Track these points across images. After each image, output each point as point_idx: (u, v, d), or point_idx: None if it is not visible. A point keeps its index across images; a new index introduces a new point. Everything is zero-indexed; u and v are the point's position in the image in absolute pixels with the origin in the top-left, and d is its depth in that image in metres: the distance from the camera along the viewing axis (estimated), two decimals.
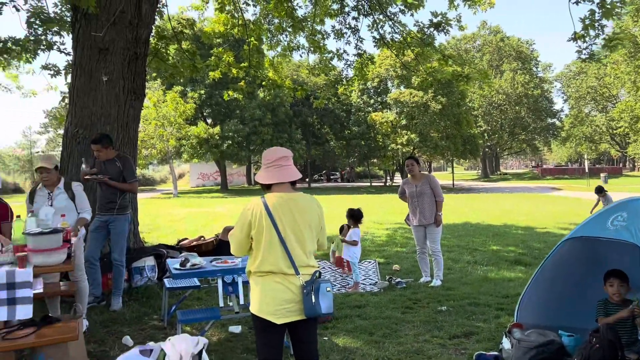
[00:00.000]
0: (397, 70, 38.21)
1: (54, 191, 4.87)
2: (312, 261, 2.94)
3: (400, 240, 10.40)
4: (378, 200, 24.01)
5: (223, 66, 10.25)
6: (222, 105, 36.02)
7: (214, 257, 5.11)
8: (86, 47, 6.17)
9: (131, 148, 6.66)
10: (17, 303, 3.73)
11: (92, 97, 6.22)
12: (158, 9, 7.42)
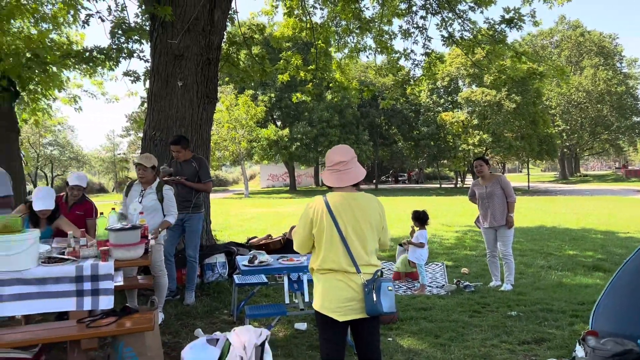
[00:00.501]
0: (469, 69, 37.19)
1: (146, 189, 5.17)
2: (373, 260, 2.95)
3: (470, 243, 10.14)
4: (447, 202, 23.49)
5: (291, 69, 10.46)
6: (291, 107, 36.66)
7: (280, 255, 5.24)
8: (163, 54, 6.52)
9: (204, 149, 6.95)
10: (100, 294, 4.03)
11: (168, 101, 6.56)
12: (229, 16, 7.71)
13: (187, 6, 6.36)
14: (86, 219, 5.16)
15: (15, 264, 3.83)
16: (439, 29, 10.23)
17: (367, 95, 9.71)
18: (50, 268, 3.93)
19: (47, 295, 3.93)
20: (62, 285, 3.94)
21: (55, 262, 4.03)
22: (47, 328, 3.94)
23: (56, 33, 10.22)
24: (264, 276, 5.40)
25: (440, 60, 11.08)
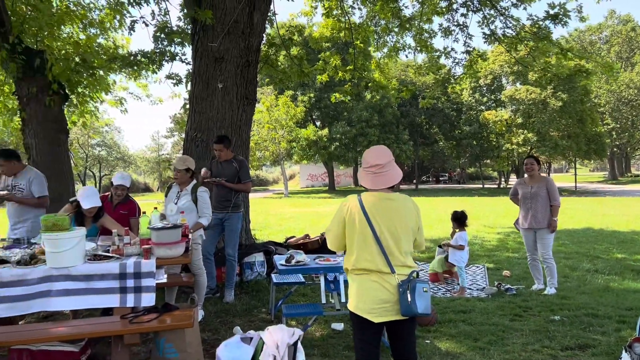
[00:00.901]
0: (512, 67, 36.26)
1: (182, 191, 5.31)
2: (409, 261, 2.93)
3: (512, 245, 9.89)
4: (490, 203, 22.98)
5: (330, 70, 10.48)
6: (330, 107, 36.73)
7: (317, 255, 5.26)
8: (204, 56, 6.66)
9: (243, 150, 7.06)
10: (143, 291, 4.15)
11: (209, 102, 6.70)
12: (268, 18, 7.79)
13: (227, 9, 6.47)
14: (129, 218, 5.33)
15: (64, 261, 3.99)
16: (481, 26, 10.04)
17: (406, 95, 9.63)
18: (95, 265, 4.08)
19: (92, 291, 4.08)
20: (106, 282, 4.08)
21: (100, 259, 4.18)
22: (93, 323, 4.10)
23: (103, 38, 10.58)
24: (301, 276, 5.44)
25: (482, 58, 10.87)
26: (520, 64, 12.99)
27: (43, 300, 3.99)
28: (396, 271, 2.84)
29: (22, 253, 4.25)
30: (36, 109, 7.65)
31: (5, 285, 3.90)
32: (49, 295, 3.99)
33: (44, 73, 7.42)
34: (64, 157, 8.01)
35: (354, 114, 36.04)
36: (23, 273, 3.93)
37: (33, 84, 7.57)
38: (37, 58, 7.48)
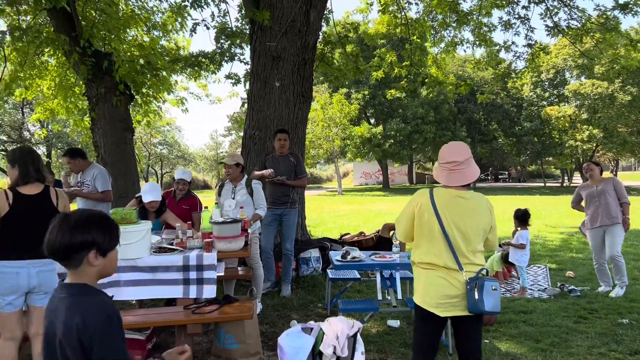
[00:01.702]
0: (576, 60, 34.64)
1: (237, 186, 5.46)
2: (478, 259, 2.88)
3: (577, 246, 9.49)
4: (552, 202, 22.12)
5: (386, 66, 10.42)
6: (385, 105, 36.43)
7: (373, 251, 5.26)
8: (262, 56, 6.79)
9: (300, 147, 7.14)
10: (205, 283, 4.30)
11: (267, 101, 6.83)
12: (324, 16, 7.84)
13: (285, 8, 6.56)
14: (191, 212, 5.52)
15: (131, 253, 4.19)
16: (543, 18, 9.67)
17: (464, 91, 9.43)
18: (160, 257, 4.26)
19: (157, 282, 4.27)
20: (170, 273, 4.26)
21: (165, 252, 4.37)
22: (158, 312, 4.28)
23: (165, 39, 11.00)
24: (356, 272, 5.46)
25: (544, 52, 10.46)
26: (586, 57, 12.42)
27: (113, 290, 4.21)
28: (464, 268, 2.81)
29: None
30: (104, 109, 8.07)
31: None
32: (118, 285, 4.21)
33: (111, 74, 7.80)
34: (129, 154, 8.40)
35: (409, 111, 35.58)
36: None
37: (101, 85, 7.98)
38: (105, 60, 7.88)
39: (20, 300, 3.39)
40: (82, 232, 1.78)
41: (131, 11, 9.59)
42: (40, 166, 3.54)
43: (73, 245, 1.76)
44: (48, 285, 3.47)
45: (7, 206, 3.33)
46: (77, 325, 1.67)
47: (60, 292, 1.80)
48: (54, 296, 1.82)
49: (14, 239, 3.37)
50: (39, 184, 3.50)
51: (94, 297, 1.77)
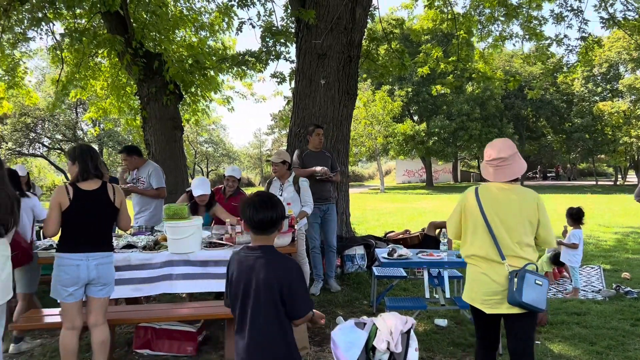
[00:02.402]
0: (632, 52, 33.09)
1: (284, 183, 5.53)
2: (525, 253, 2.84)
3: (633, 246, 9.10)
4: (605, 201, 21.27)
5: (431, 62, 10.28)
6: (429, 101, 35.92)
7: (419, 249, 5.22)
8: (307, 54, 6.84)
9: (344, 144, 7.16)
10: None
11: (312, 99, 6.87)
12: (370, 12, 7.81)
13: (330, 6, 6.58)
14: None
15: (183, 247, 4.32)
16: (597, 10, 9.31)
17: (513, 86, 9.18)
18: (211, 252, 4.37)
19: (208, 276, 4.38)
20: (220, 267, 4.36)
21: (215, 246, 4.47)
22: (209, 306, 4.39)
23: (212, 39, 11.23)
24: (402, 270, 5.43)
25: (598, 45, 10.07)
26: None
27: (165, 283, 4.34)
28: (507, 260, 2.80)
29: (147, 239, 4.66)
30: (155, 108, 8.32)
31: (133, 268, 4.30)
32: (171, 279, 4.34)
33: (161, 74, 8.03)
34: (179, 152, 8.63)
35: (454, 108, 34.92)
36: (148, 257, 4.31)
37: (152, 84, 8.23)
38: (156, 61, 8.12)
39: (80, 292, 3.54)
40: (279, 209, 2.40)
41: (180, 12, 9.84)
42: (98, 163, 3.69)
43: (279, 218, 2.39)
44: (106, 277, 3.61)
45: (68, 201, 3.48)
46: (276, 275, 2.26)
47: (252, 252, 2.37)
48: (246, 255, 2.38)
49: (75, 233, 3.52)
50: (97, 180, 3.64)
51: (281, 255, 2.41)
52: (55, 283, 3.50)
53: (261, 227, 2.36)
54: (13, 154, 32.29)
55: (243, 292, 2.31)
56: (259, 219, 2.34)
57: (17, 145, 31.81)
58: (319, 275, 6.15)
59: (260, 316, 2.26)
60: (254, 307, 2.27)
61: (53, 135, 33.05)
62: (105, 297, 3.66)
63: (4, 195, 3.22)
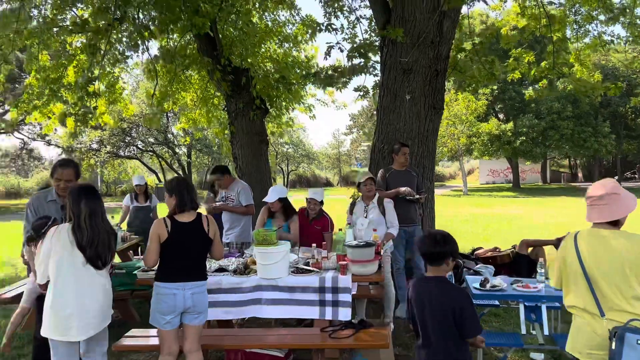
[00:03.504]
0: None
1: (369, 205, 5.47)
2: (632, 307, 2.57)
3: None
4: None
5: (522, 67, 9.75)
6: (516, 99, 34.31)
7: (514, 278, 4.94)
8: (392, 69, 6.71)
9: (429, 160, 6.96)
10: (340, 305, 4.37)
11: (397, 114, 6.74)
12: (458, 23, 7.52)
13: (417, 20, 6.41)
14: (323, 232, 5.64)
15: (272, 273, 4.39)
16: None
17: (615, 93, 8.51)
18: (298, 278, 4.41)
19: (295, 302, 4.42)
20: (307, 294, 4.39)
21: (302, 272, 4.51)
22: (297, 334, 4.43)
23: (295, 49, 11.37)
24: None
25: None
26: None
27: (255, 307, 4.44)
28: (608, 315, 2.58)
29: (237, 262, 4.79)
30: (242, 123, 8.57)
31: (224, 291, 4.43)
32: (260, 303, 4.44)
33: (248, 90, 8.25)
34: (264, 165, 8.83)
35: (543, 106, 33.10)
36: (239, 282, 4.43)
37: (240, 100, 8.48)
38: (243, 77, 8.34)
39: (177, 320, 3.70)
40: (450, 244, 2.93)
41: (265, 26, 10.05)
42: (194, 195, 3.83)
43: (446, 252, 2.90)
44: (200, 306, 3.74)
45: (167, 233, 3.64)
46: (449, 301, 2.81)
47: (427, 282, 2.99)
48: (423, 284, 3.01)
49: (172, 263, 3.69)
50: (193, 211, 3.78)
51: (453, 285, 3.07)
52: (154, 311, 3.67)
53: (435, 260, 2.93)
54: (111, 156, 34.81)
55: (423, 315, 2.91)
56: (434, 253, 2.90)
57: (115, 148, 34.21)
58: (404, 297, 6.02)
59: (438, 335, 2.84)
60: (433, 328, 2.86)
61: (146, 138, 35.19)
62: (200, 325, 3.79)
63: (103, 231, 3.46)
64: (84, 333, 3.37)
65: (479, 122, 33.09)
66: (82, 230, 3.35)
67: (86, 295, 3.37)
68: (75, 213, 3.39)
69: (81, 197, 3.43)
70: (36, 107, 8.97)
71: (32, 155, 39.53)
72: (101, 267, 3.45)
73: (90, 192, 3.52)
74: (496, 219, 16.09)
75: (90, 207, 3.42)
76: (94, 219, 3.42)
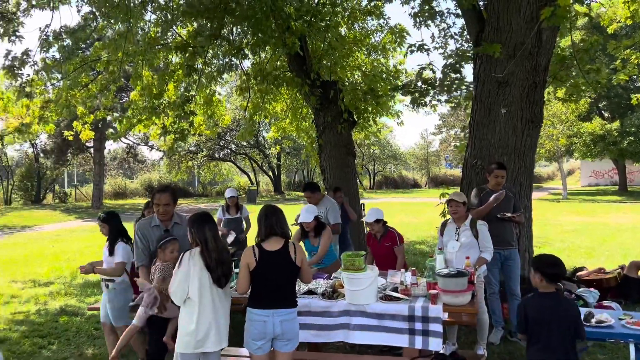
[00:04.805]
0: None
1: (460, 227, 5.25)
2: None
3: None
4: None
5: (631, 69, 8.97)
6: (622, 96, 31.55)
7: (624, 312, 4.56)
8: (486, 82, 6.43)
9: (526, 176, 6.60)
10: (430, 335, 4.26)
11: (491, 129, 6.45)
12: None
13: (513, 31, 6.08)
14: (393, 247, 5.57)
15: (360, 299, 4.38)
16: None
17: None
18: (387, 305, 4.35)
19: (384, 329, 4.37)
20: (396, 322, 4.33)
21: (390, 299, 4.44)
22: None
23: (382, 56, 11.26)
24: None
25: None
26: None
27: (343, 332, 4.45)
28: None
29: (326, 285, 4.82)
30: (330, 136, 8.64)
31: (313, 314, 4.48)
32: (348, 328, 4.43)
33: (336, 102, 8.30)
34: (351, 177, 8.85)
35: None
36: (327, 305, 4.46)
37: (328, 113, 8.55)
38: (331, 90, 8.41)
39: (267, 345, 3.80)
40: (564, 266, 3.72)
41: (353, 37, 10.07)
42: (283, 223, 3.91)
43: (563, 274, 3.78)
44: (290, 333, 3.82)
45: (255, 262, 3.78)
46: (568, 313, 3.49)
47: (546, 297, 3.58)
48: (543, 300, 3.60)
49: (261, 290, 3.81)
50: (281, 239, 3.87)
51: (566, 298, 4.06)
52: (247, 335, 3.81)
53: (553, 279, 3.57)
54: (207, 159, 36.70)
55: (543, 325, 3.50)
56: (552, 273, 3.57)
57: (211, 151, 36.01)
58: (498, 322, 5.75)
59: (562, 340, 3.45)
60: (557, 336, 3.46)
61: (239, 142, 36.64)
62: (290, 352, 3.86)
63: (225, 251, 3.82)
64: (218, 345, 3.74)
65: (581, 121, 30.85)
66: (211, 253, 3.71)
67: (219, 310, 3.76)
68: (201, 239, 3.74)
69: (204, 223, 3.79)
70: (140, 121, 9.64)
71: (136, 159, 42.58)
72: (223, 285, 3.77)
73: (209, 218, 3.88)
74: (599, 229, 14.90)
75: (213, 231, 3.79)
76: (217, 242, 3.78)
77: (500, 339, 5.63)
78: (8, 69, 7.05)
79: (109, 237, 4.97)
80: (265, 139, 36.70)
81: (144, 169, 47.96)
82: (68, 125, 17.27)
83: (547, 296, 3.57)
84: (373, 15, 9.20)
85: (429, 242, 13.16)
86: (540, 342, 3.50)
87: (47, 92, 8.85)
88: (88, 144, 31.17)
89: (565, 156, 36.36)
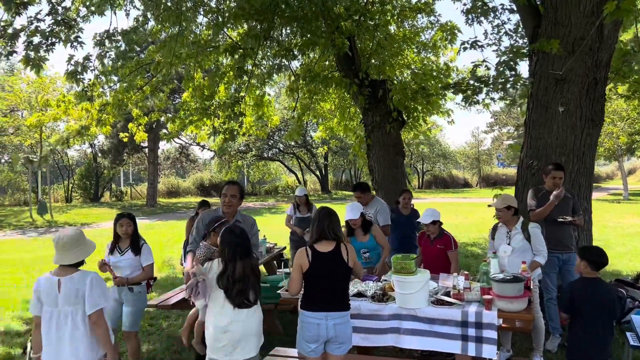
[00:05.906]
0: None
1: (512, 230, 5.07)
2: None
3: None
4: None
5: None
6: None
7: None
8: (542, 78, 6.19)
9: (586, 177, 6.30)
10: (484, 342, 4.14)
11: (548, 128, 6.21)
12: None
13: (573, 25, 5.82)
14: (447, 251, 5.42)
15: (411, 303, 4.30)
16: None
17: None
18: (439, 310, 4.25)
19: (435, 334, 4.28)
20: (448, 327, 4.22)
21: (442, 304, 4.34)
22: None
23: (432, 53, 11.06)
24: None
25: None
26: None
27: (393, 336, 4.39)
28: None
29: (375, 287, 4.76)
30: (378, 135, 8.55)
31: (363, 317, 4.44)
32: (398, 332, 4.37)
33: (385, 102, 8.20)
34: (400, 177, 8.73)
35: None
36: (377, 309, 4.41)
37: (377, 113, 8.47)
38: (380, 89, 8.32)
39: (320, 348, 3.79)
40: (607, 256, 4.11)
41: (402, 34, 9.93)
42: (336, 226, 3.89)
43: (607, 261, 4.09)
44: (343, 336, 3.79)
45: (308, 263, 3.76)
46: (607, 297, 3.95)
47: (589, 282, 4.00)
48: (585, 284, 4.01)
49: (314, 292, 3.79)
50: (332, 241, 3.84)
51: (605, 283, 4.18)
52: (300, 338, 3.81)
53: (597, 267, 4.01)
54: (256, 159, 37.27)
55: (586, 305, 3.92)
56: (597, 262, 4.01)
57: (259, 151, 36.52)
58: (556, 329, 5.53)
59: (599, 322, 3.88)
60: (602, 316, 3.88)
61: (286, 141, 36.98)
62: (342, 355, 3.84)
63: (257, 267, 3.74)
64: (247, 353, 3.66)
65: None
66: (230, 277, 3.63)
67: (245, 319, 3.67)
68: (229, 258, 3.66)
69: (231, 237, 3.71)
70: (192, 122, 9.86)
71: (189, 158, 43.77)
72: (242, 306, 3.66)
73: (243, 233, 3.79)
74: None
75: (244, 246, 3.73)
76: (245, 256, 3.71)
77: (557, 347, 5.40)
78: (71, 74, 7.35)
79: (132, 236, 5.01)
80: (312, 138, 36.87)
81: (195, 169, 49.24)
82: (124, 127, 17.92)
83: (590, 281, 3.98)
84: (423, 12, 9.04)
85: (481, 244, 12.82)
86: (584, 320, 3.91)
87: (105, 95, 9.20)
88: (143, 144, 32.26)
89: (626, 155, 34.58)
